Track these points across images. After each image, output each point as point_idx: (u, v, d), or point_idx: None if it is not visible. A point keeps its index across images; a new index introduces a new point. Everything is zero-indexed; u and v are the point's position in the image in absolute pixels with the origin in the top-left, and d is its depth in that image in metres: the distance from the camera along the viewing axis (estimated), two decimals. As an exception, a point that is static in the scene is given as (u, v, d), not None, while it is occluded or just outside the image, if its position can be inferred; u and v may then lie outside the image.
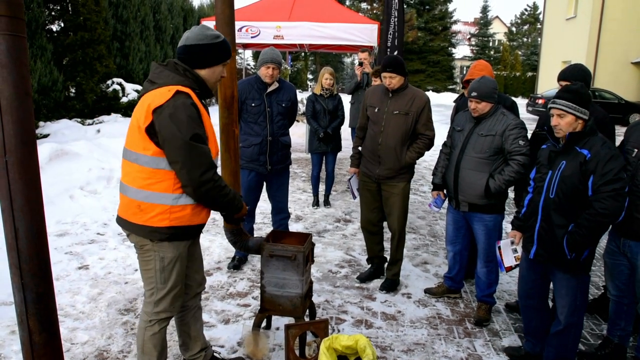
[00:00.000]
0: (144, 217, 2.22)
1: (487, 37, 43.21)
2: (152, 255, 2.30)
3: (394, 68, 3.64)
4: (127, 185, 2.26)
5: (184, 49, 2.26)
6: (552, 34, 27.03)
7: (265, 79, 4.03)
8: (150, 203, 2.20)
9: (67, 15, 10.39)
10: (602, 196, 2.43)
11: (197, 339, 2.71)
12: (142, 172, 2.19)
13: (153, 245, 2.28)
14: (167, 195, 2.20)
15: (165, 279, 2.34)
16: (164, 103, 2.09)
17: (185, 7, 16.93)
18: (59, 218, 5.28)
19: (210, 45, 2.26)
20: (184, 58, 2.26)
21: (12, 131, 1.65)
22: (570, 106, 2.54)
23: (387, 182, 3.84)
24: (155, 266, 2.32)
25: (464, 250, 3.76)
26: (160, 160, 2.16)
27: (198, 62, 2.27)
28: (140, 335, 2.45)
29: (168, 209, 2.21)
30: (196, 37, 2.25)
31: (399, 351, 3.14)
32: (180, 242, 2.32)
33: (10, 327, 3.15)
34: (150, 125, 2.11)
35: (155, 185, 2.18)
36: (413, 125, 3.73)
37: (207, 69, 2.30)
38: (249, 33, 8.56)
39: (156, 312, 2.39)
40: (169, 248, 2.30)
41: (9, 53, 1.61)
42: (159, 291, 2.36)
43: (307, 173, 8.24)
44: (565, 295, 2.69)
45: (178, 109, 2.09)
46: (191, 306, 2.66)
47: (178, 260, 2.34)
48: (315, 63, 35.82)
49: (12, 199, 1.68)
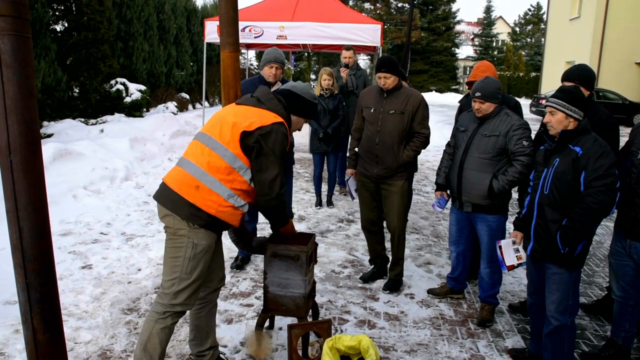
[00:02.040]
0: (197, 196, 2.34)
1: (491, 38, 43.13)
2: (185, 241, 2.36)
3: (389, 68, 3.66)
4: (192, 162, 2.40)
5: (290, 94, 2.65)
6: (555, 34, 26.95)
7: (269, 78, 4.05)
8: (209, 188, 2.34)
9: (71, 15, 10.42)
10: (594, 191, 2.50)
11: (209, 335, 2.74)
12: (216, 160, 2.36)
13: (189, 231, 2.35)
14: (226, 189, 2.37)
15: (192, 269, 2.38)
16: (269, 125, 2.41)
17: (188, 7, 16.95)
18: (62, 218, 5.29)
19: (309, 102, 2.70)
20: (286, 99, 2.62)
21: (17, 131, 1.65)
22: (561, 104, 2.64)
23: (385, 181, 3.85)
24: (185, 253, 2.36)
25: (467, 251, 3.75)
26: (237, 159, 2.38)
27: (295, 108, 2.65)
28: (147, 329, 2.42)
29: (220, 202, 2.36)
30: (303, 90, 2.69)
31: (401, 352, 3.14)
32: (213, 233, 2.44)
33: (14, 326, 3.16)
34: (248, 135, 2.37)
35: (221, 176, 2.36)
36: (409, 124, 3.75)
37: (297, 116, 2.68)
38: (252, 33, 8.56)
39: (172, 304, 2.40)
40: (204, 235, 2.39)
41: (14, 53, 1.61)
42: (182, 281, 2.38)
43: (310, 173, 8.24)
44: (556, 290, 2.71)
45: (279, 133, 2.42)
46: (209, 300, 2.72)
47: (209, 250, 2.43)
48: (318, 63, 35.79)
49: (17, 199, 1.69)
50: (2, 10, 1.57)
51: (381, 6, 36.16)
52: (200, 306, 2.69)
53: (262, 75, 4.09)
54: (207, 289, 2.68)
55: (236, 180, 2.39)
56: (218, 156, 2.37)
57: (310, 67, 34.72)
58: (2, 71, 1.61)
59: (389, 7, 36.27)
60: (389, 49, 33.61)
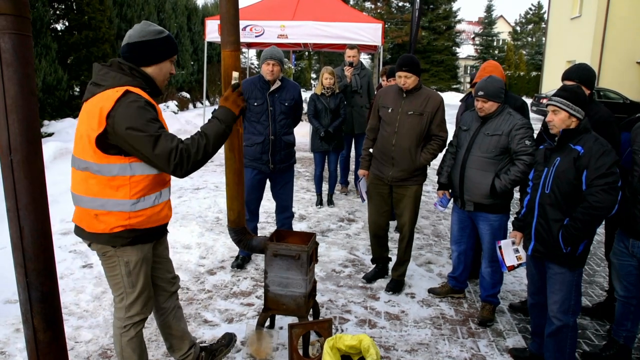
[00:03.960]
0: (101, 225, 2.14)
1: (492, 37, 43.05)
2: (116, 260, 2.24)
3: (410, 68, 3.60)
4: (80, 195, 2.17)
5: (127, 47, 2.18)
6: (556, 33, 26.92)
7: (267, 75, 4.01)
8: (108, 211, 2.12)
9: (71, 14, 10.43)
10: (596, 190, 2.50)
11: (183, 338, 2.68)
12: (96, 180, 2.10)
13: (116, 251, 2.22)
14: (125, 201, 2.12)
15: (133, 283, 2.29)
16: (115, 104, 2.01)
17: (189, 6, 16.96)
18: (62, 217, 5.29)
19: (154, 41, 2.19)
20: (128, 57, 2.18)
21: (18, 130, 1.65)
22: (564, 103, 2.63)
23: (399, 185, 3.80)
24: (121, 271, 2.26)
25: (469, 250, 3.75)
26: (112, 166, 2.08)
27: (144, 59, 2.19)
28: (117, 342, 2.41)
29: (127, 215, 2.14)
30: (139, 34, 2.18)
31: (402, 351, 3.13)
32: (143, 245, 2.28)
33: (14, 325, 3.16)
34: (103, 132, 2.02)
35: (110, 192, 2.11)
36: (427, 126, 3.69)
37: (153, 66, 2.22)
38: (253, 32, 8.55)
39: (129, 317, 2.36)
40: (133, 251, 2.24)
41: (15, 52, 1.60)
42: (129, 295, 2.32)
43: (310, 172, 8.24)
44: (558, 290, 2.70)
45: (129, 107, 2.01)
46: (169, 307, 2.62)
47: (144, 263, 2.30)
48: (319, 62, 35.79)
49: (18, 198, 1.68)
50: (2, 9, 1.56)
51: (382, 5, 36.10)
52: (162, 316, 2.62)
53: (262, 74, 4.07)
54: (161, 297, 2.58)
55: (127, 184, 2.11)
56: (94, 175, 2.09)
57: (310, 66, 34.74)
58: (3, 70, 1.60)
59: (389, 6, 36.22)
60: (390, 48, 33.59)
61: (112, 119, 2.01)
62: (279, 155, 4.15)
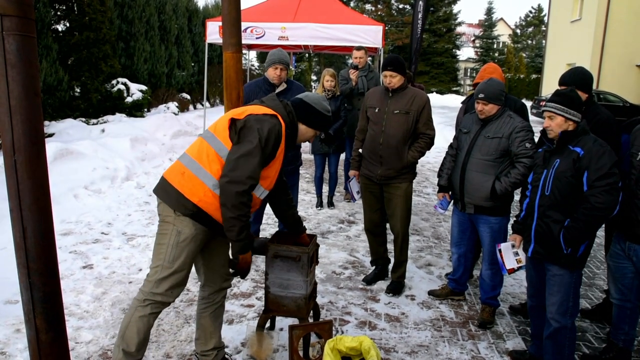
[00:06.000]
0: (182, 183, 2.35)
1: (492, 39, 43.10)
2: (170, 228, 2.37)
3: (395, 67, 3.66)
4: (186, 153, 2.44)
5: (300, 101, 2.59)
6: (556, 36, 26.96)
7: (274, 80, 4.00)
8: (194, 175, 2.34)
9: (72, 15, 10.43)
10: (597, 191, 2.51)
11: (212, 336, 2.74)
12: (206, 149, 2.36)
13: (175, 219, 2.36)
14: (211, 177, 2.33)
15: (175, 257, 2.37)
16: (261, 114, 2.36)
17: (190, 7, 16.96)
18: (63, 217, 5.29)
19: (321, 113, 2.59)
20: (296, 106, 2.56)
21: (21, 131, 1.66)
22: (559, 108, 2.65)
23: (389, 183, 3.83)
24: (169, 240, 2.36)
25: (469, 253, 3.75)
26: (223, 147, 2.34)
27: (304, 117, 2.57)
28: (127, 316, 2.43)
29: (205, 190, 2.33)
30: (315, 100, 2.59)
31: (402, 353, 3.14)
32: (200, 225, 2.39)
33: (15, 326, 3.17)
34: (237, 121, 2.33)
35: (208, 163, 2.33)
36: (414, 124, 3.73)
37: (304, 126, 2.59)
38: (254, 34, 8.57)
39: (153, 293, 2.39)
40: (189, 224, 2.37)
41: (19, 53, 1.61)
42: (164, 270, 2.38)
43: (310, 174, 8.24)
44: (557, 292, 2.71)
45: (269, 122, 2.34)
46: (214, 300, 2.71)
47: (193, 240, 2.39)
48: (319, 64, 35.81)
49: (21, 199, 1.69)
50: (7, 11, 1.57)
51: (382, 7, 36.17)
52: (204, 305, 2.71)
53: (267, 76, 4.06)
54: (209, 288, 2.69)
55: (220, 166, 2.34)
56: (209, 145, 2.38)
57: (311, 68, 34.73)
58: (7, 71, 1.61)
59: (390, 8, 36.29)
60: (390, 50, 33.63)
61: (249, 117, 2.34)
62: (285, 158, 4.14)
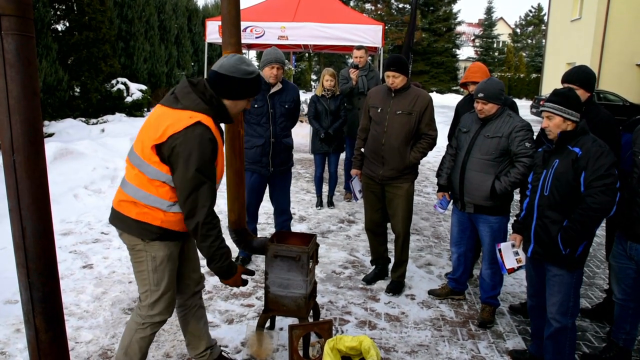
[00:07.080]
0: (137, 212, 2.25)
1: (492, 39, 43.12)
2: (144, 255, 2.32)
3: (398, 67, 3.64)
4: (126, 181, 2.31)
5: (215, 76, 2.25)
6: (556, 35, 26.95)
7: (270, 79, 3.98)
8: (145, 203, 2.24)
9: (72, 15, 10.43)
10: (594, 191, 2.51)
11: (201, 338, 2.71)
12: (142, 176, 2.23)
13: (144, 245, 2.30)
14: (163, 200, 2.23)
15: (158, 280, 2.35)
16: (182, 130, 2.10)
17: (189, 7, 16.96)
18: (63, 217, 5.29)
19: (241, 79, 2.25)
20: (213, 84, 2.26)
21: (20, 130, 1.65)
22: (558, 108, 2.64)
23: (390, 184, 3.83)
24: (147, 267, 2.33)
25: (469, 252, 3.75)
26: (161, 174, 2.19)
27: (226, 92, 2.27)
28: (127, 335, 2.45)
29: (163, 212, 2.25)
30: (229, 68, 2.24)
31: (402, 352, 3.14)
32: (171, 242, 2.34)
33: (14, 326, 3.16)
34: (162, 144, 2.13)
35: (152, 189, 2.22)
36: (416, 125, 3.72)
37: (232, 100, 2.31)
38: (253, 33, 8.55)
39: (151, 315, 2.39)
40: (160, 247, 2.31)
41: (18, 53, 1.61)
42: (153, 293, 2.37)
43: (310, 174, 8.24)
44: (557, 292, 2.71)
45: (194, 139, 2.10)
46: (191, 305, 2.66)
47: (169, 260, 2.35)
48: (319, 64, 35.81)
49: (20, 198, 1.69)
50: (6, 10, 1.57)
51: (382, 7, 36.17)
52: (183, 313, 2.67)
53: (263, 75, 4.04)
54: (184, 295, 2.63)
55: (168, 189, 2.22)
56: (142, 173, 2.22)
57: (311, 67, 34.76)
58: (6, 71, 1.60)
59: (390, 7, 36.30)
60: (390, 50, 33.61)
61: (172, 140, 2.11)
62: (278, 158, 4.14)
